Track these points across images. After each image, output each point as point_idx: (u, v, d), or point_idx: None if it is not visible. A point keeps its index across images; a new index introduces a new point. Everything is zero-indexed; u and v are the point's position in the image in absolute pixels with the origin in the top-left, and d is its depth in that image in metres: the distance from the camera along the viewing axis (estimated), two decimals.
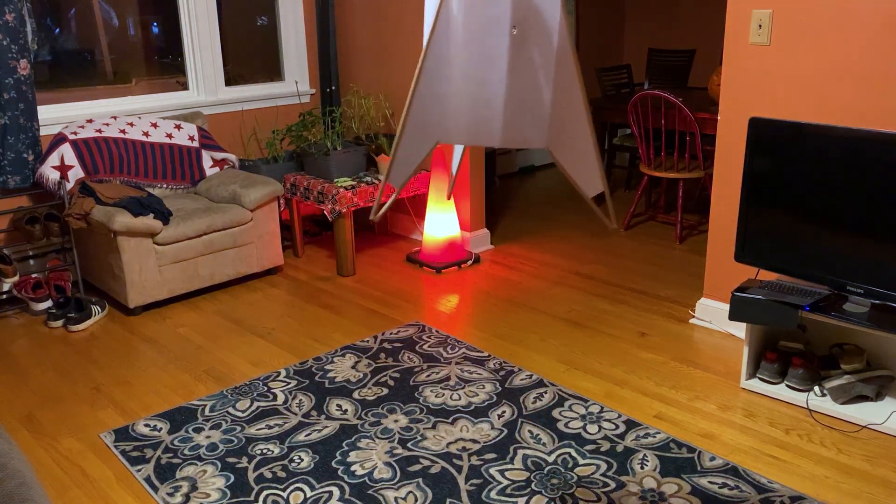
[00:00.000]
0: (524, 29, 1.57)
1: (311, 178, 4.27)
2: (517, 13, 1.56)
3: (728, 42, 3.08)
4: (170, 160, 4.09)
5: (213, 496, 2.32)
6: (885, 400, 2.71)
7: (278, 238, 4.08)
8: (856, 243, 2.57)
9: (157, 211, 3.58)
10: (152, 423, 2.72)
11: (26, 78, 3.64)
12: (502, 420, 2.69)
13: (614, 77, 5.83)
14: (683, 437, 2.58)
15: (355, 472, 2.42)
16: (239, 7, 4.70)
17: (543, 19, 1.59)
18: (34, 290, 3.71)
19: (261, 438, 2.62)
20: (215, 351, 3.29)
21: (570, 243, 4.59)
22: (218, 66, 4.54)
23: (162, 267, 3.64)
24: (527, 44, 1.58)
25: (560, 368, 3.07)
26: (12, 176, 3.71)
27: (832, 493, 2.28)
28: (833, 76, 2.82)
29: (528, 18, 1.58)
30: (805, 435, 2.58)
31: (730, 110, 3.15)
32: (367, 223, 5.00)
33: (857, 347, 2.80)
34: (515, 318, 3.55)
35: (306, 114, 4.52)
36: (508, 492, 2.30)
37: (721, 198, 3.27)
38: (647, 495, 2.27)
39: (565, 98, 1.65)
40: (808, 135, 2.63)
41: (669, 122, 4.53)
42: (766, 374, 2.85)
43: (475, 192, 4.37)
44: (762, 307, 2.67)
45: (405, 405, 2.81)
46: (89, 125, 3.88)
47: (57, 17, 4.03)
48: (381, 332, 3.43)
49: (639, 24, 6.90)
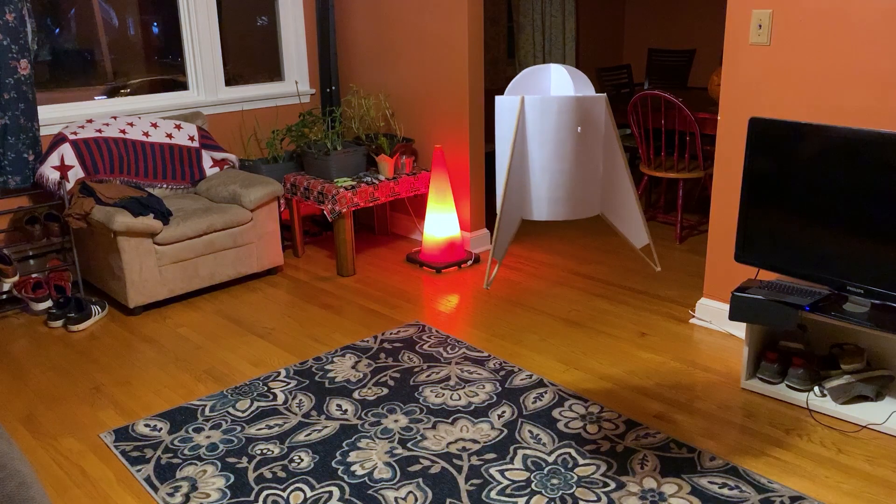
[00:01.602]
0: (585, 125, 2.02)
1: (311, 178, 4.27)
2: (581, 116, 2.00)
3: (728, 42, 3.08)
4: (170, 160, 4.09)
5: (213, 496, 2.32)
6: (885, 400, 2.71)
7: (278, 238, 4.08)
8: (856, 243, 2.57)
9: (157, 211, 3.58)
10: (152, 423, 2.72)
11: (26, 78, 3.64)
12: (502, 420, 2.69)
13: (614, 77, 5.83)
14: (683, 437, 2.58)
15: (355, 472, 2.42)
16: (239, 7, 4.70)
17: (595, 113, 2.05)
18: (34, 290, 3.71)
19: (261, 438, 2.62)
20: (215, 351, 3.29)
21: (570, 243, 4.59)
22: (218, 66, 4.55)
23: (162, 267, 3.64)
24: (586, 135, 2.03)
25: (560, 368, 3.07)
26: (12, 176, 3.71)
27: (832, 493, 2.28)
28: (833, 76, 2.82)
29: (585, 118, 2.03)
30: (805, 435, 2.58)
31: (730, 110, 3.15)
32: (367, 223, 5.01)
33: (857, 347, 2.80)
34: (515, 318, 3.55)
35: (306, 114, 4.53)
36: (508, 492, 2.30)
37: (721, 198, 3.27)
38: (647, 495, 2.27)
39: (613, 168, 2.13)
40: (808, 135, 2.63)
41: (669, 122, 4.53)
42: (766, 374, 2.85)
43: (475, 192, 4.37)
44: (762, 307, 2.67)
45: (405, 405, 2.81)
46: (89, 125, 3.88)
47: (57, 17, 4.03)
48: (381, 332, 3.43)
49: (639, 24, 6.90)
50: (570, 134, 2.01)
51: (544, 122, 2.02)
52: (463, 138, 4.26)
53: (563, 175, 2.06)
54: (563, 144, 2.03)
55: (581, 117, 2.00)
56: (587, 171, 2.08)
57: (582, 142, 2.03)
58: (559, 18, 6.31)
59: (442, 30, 4.20)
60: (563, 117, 2.01)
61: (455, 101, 4.25)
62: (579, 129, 2.00)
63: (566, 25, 6.38)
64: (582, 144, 2.03)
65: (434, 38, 4.26)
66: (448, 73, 4.24)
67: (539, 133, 2.04)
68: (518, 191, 2.12)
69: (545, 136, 2.03)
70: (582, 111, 2.00)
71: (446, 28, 4.17)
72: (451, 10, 4.11)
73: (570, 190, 2.08)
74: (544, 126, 2.03)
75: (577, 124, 2.00)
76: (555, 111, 2.01)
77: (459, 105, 4.23)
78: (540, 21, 6.16)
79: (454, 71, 4.20)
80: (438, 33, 4.23)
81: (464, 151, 4.27)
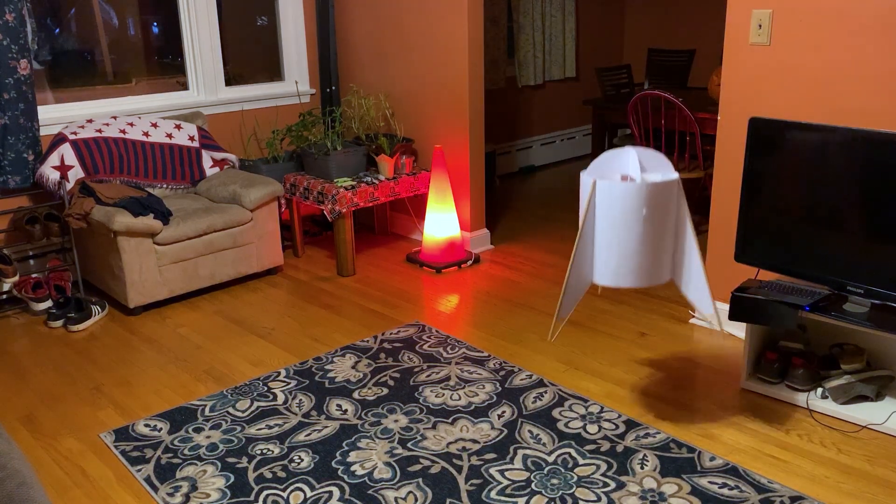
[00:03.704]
0: (651, 206, 2.23)
1: (311, 178, 4.27)
2: (646, 200, 2.21)
3: (728, 42, 3.08)
4: (170, 160, 4.09)
5: (213, 496, 2.32)
6: (885, 400, 2.71)
7: (278, 238, 4.08)
8: (856, 243, 2.57)
9: (157, 211, 3.58)
10: (152, 423, 2.72)
11: (26, 78, 3.64)
12: (502, 420, 2.69)
13: (614, 77, 5.83)
14: (683, 437, 2.58)
15: (355, 472, 2.42)
16: (239, 7, 4.70)
17: (663, 196, 2.26)
18: (34, 290, 3.71)
19: (261, 438, 2.62)
20: (215, 351, 3.29)
21: (570, 243, 4.59)
22: (218, 66, 4.55)
23: (162, 267, 3.64)
24: (653, 216, 2.25)
25: (560, 368, 3.07)
26: (12, 176, 3.71)
27: (832, 493, 2.28)
28: (833, 76, 2.82)
29: (652, 201, 2.24)
30: (805, 435, 2.58)
31: (730, 110, 3.15)
32: (367, 223, 5.01)
33: (857, 347, 2.80)
34: (515, 318, 3.55)
35: (306, 114, 4.53)
36: (508, 492, 2.30)
37: (721, 198, 3.27)
38: (647, 495, 2.27)
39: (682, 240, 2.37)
40: (808, 135, 2.63)
41: (669, 122, 4.53)
42: (766, 374, 2.85)
43: (475, 192, 4.37)
44: (762, 307, 2.67)
45: (405, 405, 2.81)
46: (89, 125, 3.88)
47: (57, 17, 4.03)
48: (381, 332, 3.43)
49: (639, 24, 6.90)
50: (636, 216, 2.25)
51: (612, 205, 2.27)
52: (463, 138, 4.26)
53: (628, 250, 2.29)
54: (628, 225, 2.27)
55: (647, 201, 2.22)
56: (653, 246, 2.30)
57: (648, 222, 2.25)
58: (559, 18, 6.31)
59: (442, 30, 4.20)
60: (628, 202, 2.24)
61: (455, 101, 4.25)
62: (644, 211, 2.22)
63: (566, 25, 6.38)
64: (648, 224, 2.26)
65: (434, 38, 4.26)
66: (448, 73, 4.24)
67: (608, 213, 2.28)
68: (588, 259, 2.38)
69: (613, 216, 2.28)
70: (648, 196, 2.22)
71: (446, 28, 4.17)
72: (451, 11, 4.11)
73: (637, 263, 2.32)
74: (612, 208, 2.27)
75: (642, 208, 2.22)
76: (620, 196, 2.25)
77: (459, 105, 4.23)
78: (540, 21, 6.16)
79: (454, 71, 4.20)
80: (438, 33, 4.23)
81: (464, 151, 4.27)
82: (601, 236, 2.36)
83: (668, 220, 2.32)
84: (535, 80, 6.27)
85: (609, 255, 2.36)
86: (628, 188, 2.26)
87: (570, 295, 2.48)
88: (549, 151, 6.64)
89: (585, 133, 6.92)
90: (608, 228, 2.33)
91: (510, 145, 6.26)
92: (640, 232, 2.28)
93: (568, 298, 2.48)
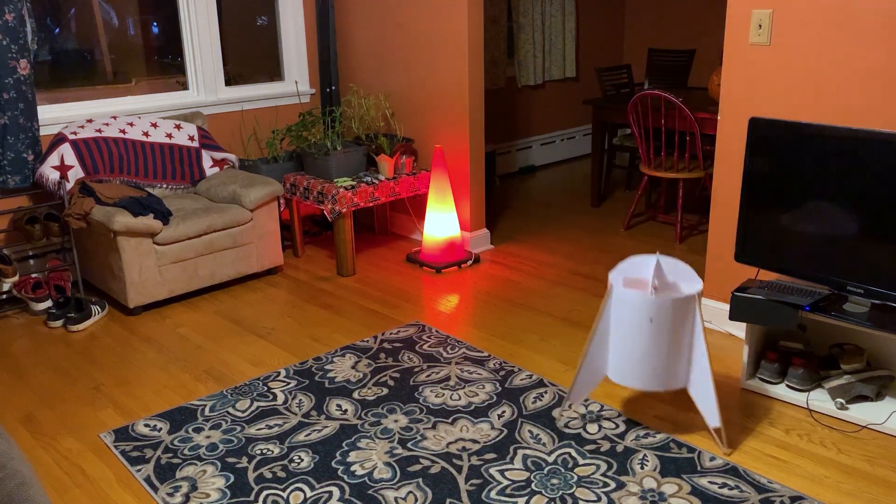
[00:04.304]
0: (661, 317, 2.38)
1: (311, 178, 4.27)
2: (655, 311, 2.37)
3: (728, 42, 3.08)
4: (170, 160, 4.09)
5: (213, 496, 2.32)
6: (885, 400, 2.71)
7: (278, 238, 4.08)
8: (856, 243, 2.57)
9: (156, 211, 3.58)
10: (152, 423, 2.72)
11: (26, 78, 3.64)
12: (502, 420, 2.69)
13: (614, 77, 5.83)
14: (683, 437, 2.58)
15: (355, 472, 2.42)
16: (239, 7, 4.70)
17: (677, 308, 2.39)
18: (34, 290, 3.71)
19: (261, 438, 2.62)
20: (215, 351, 3.29)
21: (570, 243, 4.59)
22: (218, 66, 4.55)
23: (162, 267, 3.64)
24: (663, 326, 2.39)
25: (560, 368, 3.07)
26: (12, 176, 3.71)
27: (832, 493, 2.28)
28: (833, 76, 2.82)
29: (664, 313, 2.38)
30: (805, 435, 2.58)
31: (730, 110, 3.15)
32: (367, 223, 5.01)
33: (857, 347, 2.80)
34: (515, 318, 3.55)
35: (306, 114, 4.52)
36: (508, 492, 2.30)
37: (721, 198, 3.27)
38: (647, 495, 2.27)
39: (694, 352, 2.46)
40: (808, 135, 2.63)
41: (669, 122, 4.53)
42: (766, 374, 2.85)
43: (475, 192, 4.37)
44: (762, 307, 2.67)
45: (405, 405, 2.81)
46: (89, 125, 3.88)
47: (57, 17, 4.03)
48: (381, 332, 3.43)
49: (639, 24, 6.90)
50: (645, 323, 2.40)
51: (624, 310, 2.44)
52: (463, 138, 4.26)
53: (638, 354, 2.45)
54: (638, 329, 2.42)
55: (654, 312, 2.38)
56: (664, 353, 2.43)
57: (657, 330, 2.40)
58: (559, 18, 6.31)
59: (442, 30, 4.20)
60: (637, 310, 2.41)
61: (455, 100, 4.25)
62: (651, 320, 2.38)
63: (566, 25, 6.38)
64: (657, 332, 2.40)
65: (434, 37, 4.26)
66: (448, 72, 4.24)
67: (620, 316, 2.46)
68: (603, 353, 2.56)
69: (624, 320, 2.45)
70: (656, 307, 2.37)
71: (446, 28, 4.17)
72: (451, 11, 4.11)
73: (647, 367, 2.46)
74: (623, 312, 2.45)
75: (649, 317, 2.38)
76: (630, 303, 2.42)
77: (459, 105, 4.23)
78: (540, 21, 6.16)
79: (454, 71, 4.20)
80: (438, 33, 4.23)
81: (464, 151, 4.27)
82: (615, 336, 2.51)
83: (684, 330, 2.43)
84: (535, 80, 6.27)
85: (621, 355, 2.50)
86: (637, 296, 2.40)
87: (581, 383, 2.60)
88: (549, 151, 6.64)
89: (585, 133, 6.92)
90: (619, 328, 2.48)
91: (510, 145, 6.26)
92: (648, 338, 2.42)
93: (579, 386, 2.60)
